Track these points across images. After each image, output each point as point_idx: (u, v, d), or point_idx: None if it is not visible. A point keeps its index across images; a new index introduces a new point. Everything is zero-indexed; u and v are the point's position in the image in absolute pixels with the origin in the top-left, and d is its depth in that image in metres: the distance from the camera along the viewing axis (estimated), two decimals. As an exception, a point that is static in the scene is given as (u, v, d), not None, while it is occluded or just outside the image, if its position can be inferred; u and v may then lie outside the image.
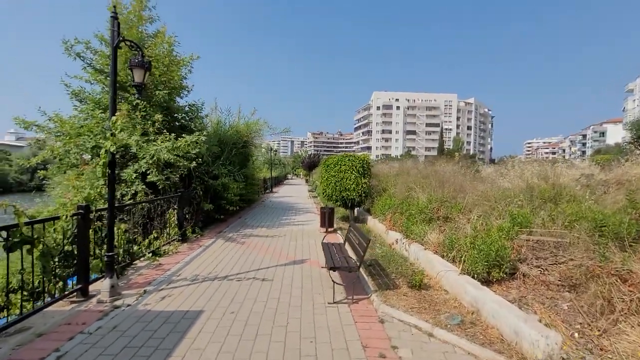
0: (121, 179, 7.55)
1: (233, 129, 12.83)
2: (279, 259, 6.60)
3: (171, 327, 3.70)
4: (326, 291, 4.82)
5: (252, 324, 3.83)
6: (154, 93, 8.42)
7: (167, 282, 5.18)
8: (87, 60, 8.37)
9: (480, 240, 4.56)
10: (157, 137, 7.86)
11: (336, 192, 10.05)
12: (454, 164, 11.62)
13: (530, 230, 5.07)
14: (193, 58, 9.42)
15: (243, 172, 12.45)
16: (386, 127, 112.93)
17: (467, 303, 4.18)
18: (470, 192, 7.22)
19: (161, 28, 9.13)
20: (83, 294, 4.42)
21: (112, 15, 4.10)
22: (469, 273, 4.45)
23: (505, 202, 6.14)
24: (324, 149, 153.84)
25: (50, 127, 8.06)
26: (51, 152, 7.82)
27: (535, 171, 7.52)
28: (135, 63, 4.31)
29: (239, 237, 8.60)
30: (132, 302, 4.38)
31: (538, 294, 3.94)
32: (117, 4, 8.41)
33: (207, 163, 10.11)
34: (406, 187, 8.97)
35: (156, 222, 7.35)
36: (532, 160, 9.76)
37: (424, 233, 6.17)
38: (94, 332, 3.58)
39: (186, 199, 8.33)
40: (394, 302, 4.42)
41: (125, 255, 5.78)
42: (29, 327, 3.61)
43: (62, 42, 7.84)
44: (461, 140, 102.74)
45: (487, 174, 10.79)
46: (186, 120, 10.31)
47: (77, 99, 8.58)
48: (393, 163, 14.00)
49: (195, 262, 6.32)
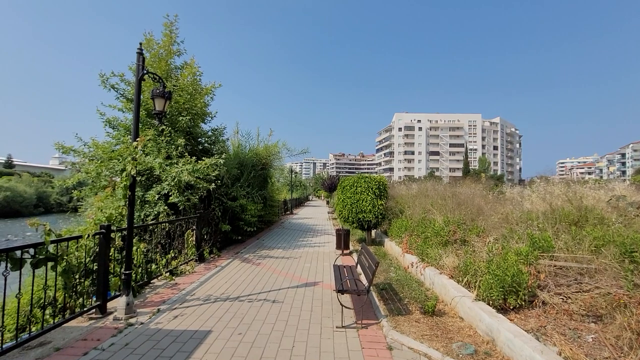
0: (145, 200, 7.96)
1: (252, 151, 13.27)
2: (291, 281, 6.58)
3: (179, 347, 3.76)
4: (336, 315, 4.74)
5: (258, 346, 3.81)
6: (177, 119, 8.97)
7: (180, 301, 5.30)
8: (120, 91, 9.13)
9: (495, 264, 4.36)
10: (180, 160, 8.29)
11: (352, 214, 10.01)
12: (475, 186, 11.30)
13: (552, 255, 4.80)
14: (215, 86, 10.01)
15: (261, 193, 12.72)
16: (408, 149, 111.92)
17: (482, 332, 3.96)
18: (489, 214, 6.97)
19: (189, 60, 9.87)
20: (101, 310, 4.60)
21: (137, 51, 4.54)
22: (484, 299, 4.24)
23: (526, 224, 5.88)
24: (346, 170, 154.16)
25: (85, 151, 8.74)
26: (85, 174, 8.43)
27: (559, 192, 7.17)
28: (156, 93, 4.69)
29: (254, 258, 8.69)
30: (145, 320, 4.50)
31: (559, 324, 3.68)
32: (150, 39, 9.27)
33: (227, 185, 10.45)
34: (423, 209, 8.79)
35: (176, 242, 7.63)
36: (557, 180, 9.29)
37: (440, 256, 5.99)
38: (107, 348, 3.70)
39: (205, 219, 8.60)
40: (405, 328, 4.27)
41: (144, 274, 6.00)
42: (49, 341, 3.80)
43: (99, 76, 8.62)
44: (487, 161, 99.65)
45: (511, 196, 10.38)
46: (208, 144, 10.82)
47: (110, 126, 9.30)
48: (412, 184, 13.79)
49: (209, 282, 6.43)
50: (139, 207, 7.84)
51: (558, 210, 6.05)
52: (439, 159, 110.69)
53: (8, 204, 43.80)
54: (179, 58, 9.97)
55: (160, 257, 6.76)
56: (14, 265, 3.44)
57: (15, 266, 3.45)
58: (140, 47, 4.60)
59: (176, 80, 9.18)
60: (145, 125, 8.85)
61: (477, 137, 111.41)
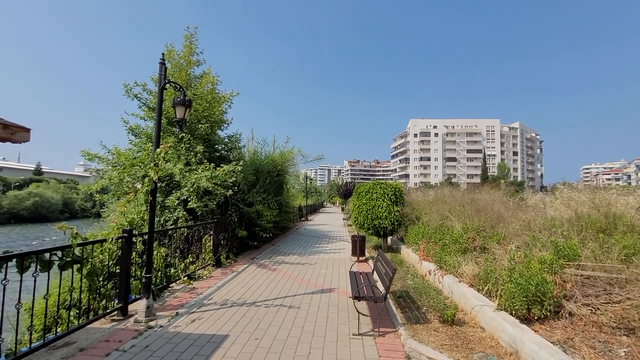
0: (165, 206, 8.17)
1: (268, 158, 13.43)
2: (307, 287, 6.57)
3: (197, 350, 3.81)
4: (352, 322, 4.68)
5: (274, 351, 3.81)
6: (196, 127, 9.21)
7: (198, 305, 5.38)
8: (143, 100, 9.48)
9: (518, 273, 4.22)
10: (198, 167, 8.48)
11: (368, 220, 9.93)
12: (495, 192, 11.00)
13: (579, 264, 4.60)
14: (233, 94, 10.25)
15: (277, 199, 12.82)
16: (424, 155, 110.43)
17: (504, 342, 3.82)
18: (510, 221, 6.76)
19: (207, 70, 10.17)
20: (122, 313, 4.73)
21: (159, 61, 4.73)
22: (506, 309, 4.10)
23: (549, 232, 5.66)
24: (360, 177, 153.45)
25: (109, 158, 9.09)
26: (108, 180, 8.75)
27: (585, 199, 6.89)
28: (177, 102, 4.85)
29: (270, 264, 8.73)
30: (164, 323, 4.59)
31: (588, 336, 3.51)
32: (171, 50, 9.61)
33: (243, 191, 10.60)
34: (440, 216, 8.63)
35: (193, 247, 7.77)
36: (581, 187, 8.92)
37: (458, 264, 5.84)
38: (128, 349, 3.79)
39: (222, 225, 8.73)
40: (423, 337, 4.17)
41: (163, 278, 6.13)
42: (74, 341, 3.93)
43: (123, 86, 8.99)
44: (506, 167, 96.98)
45: (532, 203, 10.05)
46: (225, 151, 11.04)
47: (132, 133, 9.65)
48: (429, 191, 13.57)
49: (226, 287, 6.50)
50: (159, 213, 8.04)
51: (584, 217, 5.81)
52: (456, 165, 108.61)
53: (36, 209, 45.91)
54: (198, 68, 10.28)
55: (178, 262, 6.89)
56: (43, 267, 3.59)
57: (44, 268, 3.60)
58: (162, 58, 4.79)
59: (195, 89, 9.46)
60: (166, 132, 9.13)
61: (495, 142, 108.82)
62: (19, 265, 3.33)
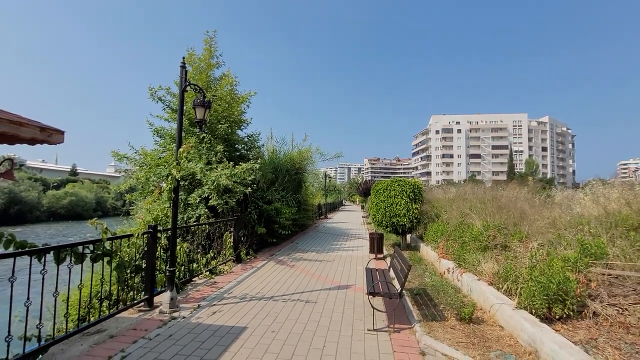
0: (188, 203, 8.51)
1: (287, 156, 13.61)
2: (324, 283, 6.65)
3: (217, 340, 3.98)
4: (367, 318, 4.72)
5: (290, 344, 3.92)
6: (216, 127, 9.50)
7: (219, 298, 5.59)
8: (167, 103, 9.89)
9: (538, 271, 4.09)
10: (219, 166, 8.76)
11: (386, 218, 9.87)
12: (520, 189, 10.62)
13: (607, 263, 4.40)
14: (251, 94, 10.48)
15: (296, 197, 12.98)
16: (447, 152, 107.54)
17: (523, 342, 3.73)
18: (534, 218, 6.53)
19: (226, 71, 10.46)
20: (149, 304, 5.00)
21: (180, 65, 4.94)
22: (526, 308, 3.99)
23: (576, 230, 5.43)
24: (381, 175, 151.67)
25: (137, 158, 9.57)
26: (136, 180, 9.22)
27: (616, 195, 6.53)
28: (197, 103, 5.05)
29: (289, 261, 8.88)
30: (187, 314, 4.81)
31: (613, 337, 3.36)
32: (192, 54, 9.95)
33: (262, 189, 10.82)
34: (460, 213, 8.45)
35: (215, 243, 8.04)
36: (617, 183, 8.41)
37: (478, 262, 5.72)
38: (153, 338, 4.02)
39: (242, 222, 8.97)
40: (439, 334, 4.14)
41: (186, 272, 6.40)
42: (105, 329, 4.21)
43: (148, 89, 9.43)
44: (535, 163, 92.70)
45: (559, 200, 9.61)
46: (245, 150, 11.32)
47: (157, 135, 10.09)
48: (450, 188, 13.28)
49: (246, 282, 6.70)
50: (182, 210, 8.38)
51: (614, 214, 5.52)
52: (481, 162, 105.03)
53: (72, 207, 48.88)
54: (218, 70, 10.59)
55: (200, 257, 7.17)
56: (77, 259, 3.88)
57: (77, 260, 3.88)
58: (183, 61, 5.01)
59: (215, 91, 9.75)
60: (188, 133, 9.49)
61: (522, 138, 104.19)
62: (56, 256, 3.61)
